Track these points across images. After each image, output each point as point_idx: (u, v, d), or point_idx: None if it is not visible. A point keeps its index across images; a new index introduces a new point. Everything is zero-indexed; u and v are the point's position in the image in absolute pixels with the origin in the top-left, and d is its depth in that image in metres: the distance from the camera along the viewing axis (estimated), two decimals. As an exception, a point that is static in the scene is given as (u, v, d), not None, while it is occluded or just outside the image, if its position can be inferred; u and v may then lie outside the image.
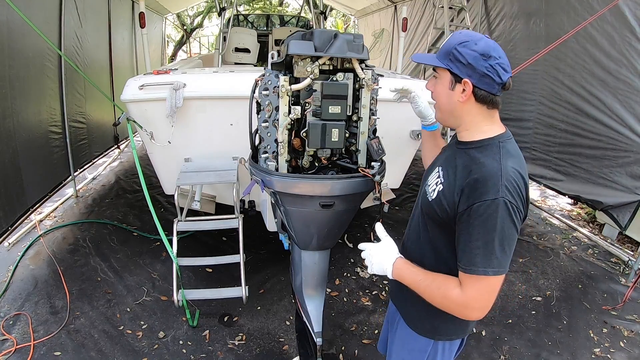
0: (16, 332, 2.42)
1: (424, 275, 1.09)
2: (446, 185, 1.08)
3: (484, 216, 0.96)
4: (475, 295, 1.00)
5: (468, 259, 0.99)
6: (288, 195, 1.41)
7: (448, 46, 1.07)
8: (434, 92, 1.15)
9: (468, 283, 1.00)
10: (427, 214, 1.15)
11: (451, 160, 1.13)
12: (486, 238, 0.97)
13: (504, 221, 0.96)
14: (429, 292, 1.07)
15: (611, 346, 2.52)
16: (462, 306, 1.02)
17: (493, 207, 0.96)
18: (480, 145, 1.07)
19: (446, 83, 1.09)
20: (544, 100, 3.98)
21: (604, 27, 3.26)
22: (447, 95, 1.09)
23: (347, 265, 3.29)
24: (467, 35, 1.06)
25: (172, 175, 2.58)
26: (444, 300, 1.04)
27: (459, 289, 1.01)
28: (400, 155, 2.91)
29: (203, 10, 13.07)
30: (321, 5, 6.40)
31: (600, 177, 3.47)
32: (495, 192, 0.96)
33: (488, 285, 0.99)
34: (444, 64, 1.07)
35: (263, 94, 1.43)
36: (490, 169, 1.00)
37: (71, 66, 3.70)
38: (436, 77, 1.13)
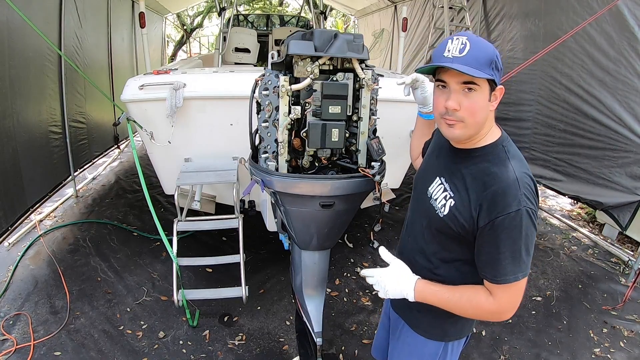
0: (16, 332, 2.42)
1: (449, 292, 1.07)
2: (458, 200, 1.05)
3: (509, 228, 0.97)
4: (509, 300, 1.03)
5: (497, 270, 1.00)
6: (288, 195, 1.41)
7: (488, 54, 0.97)
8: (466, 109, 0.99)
9: (500, 291, 1.02)
10: (439, 229, 1.12)
11: (454, 170, 1.09)
12: (513, 248, 0.98)
13: (527, 228, 0.97)
14: (460, 307, 1.07)
15: (611, 346, 2.52)
16: (497, 313, 1.04)
17: (517, 218, 0.96)
18: (485, 153, 1.04)
19: (486, 95, 1.00)
20: (542, 101, 3.98)
21: (603, 27, 3.27)
22: (485, 107, 1.01)
23: (347, 265, 3.29)
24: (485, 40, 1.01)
25: (172, 175, 2.58)
26: (477, 311, 1.06)
27: (491, 297, 1.03)
28: (400, 155, 2.90)
29: (203, 10, 13.08)
30: (321, 5, 6.40)
31: (599, 177, 3.47)
32: (517, 203, 0.96)
33: (518, 289, 1.02)
34: (489, 74, 0.97)
35: (263, 94, 1.43)
36: (506, 179, 0.98)
37: (71, 66, 3.70)
38: (473, 90, 0.98)
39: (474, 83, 0.97)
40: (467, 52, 0.96)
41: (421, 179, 1.23)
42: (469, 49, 0.96)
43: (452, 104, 1.00)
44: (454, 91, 1.00)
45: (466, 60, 0.95)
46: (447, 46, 0.99)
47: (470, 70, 0.95)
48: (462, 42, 0.97)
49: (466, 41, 0.97)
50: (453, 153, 1.11)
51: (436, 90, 1.06)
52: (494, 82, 0.99)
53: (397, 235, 3.79)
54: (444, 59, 0.99)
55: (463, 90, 0.99)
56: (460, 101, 0.99)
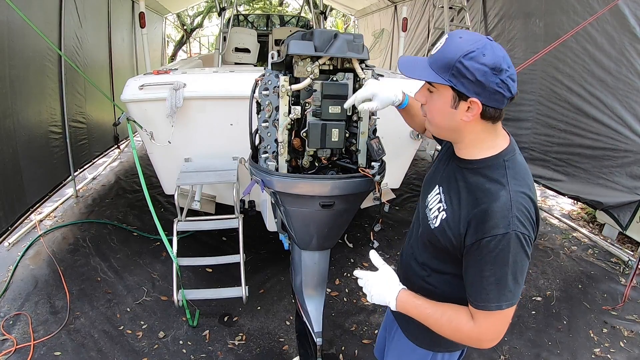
0: (16, 332, 2.42)
1: (431, 309, 1.02)
2: (450, 214, 1.00)
3: (495, 251, 0.90)
4: (489, 328, 0.96)
5: (479, 294, 0.94)
6: (288, 195, 1.41)
7: (448, 57, 0.89)
8: (427, 106, 0.99)
9: (481, 317, 0.95)
10: (428, 240, 1.09)
11: (452, 181, 1.04)
12: (499, 273, 0.91)
13: (516, 254, 0.90)
14: (439, 326, 1.01)
15: (611, 346, 2.52)
16: (476, 339, 0.98)
17: (504, 241, 0.89)
18: (483, 166, 0.97)
19: (447, 100, 0.93)
20: (542, 100, 3.98)
21: (604, 26, 3.26)
22: (447, 114, 0.95)
23: (347, 265, 3.29)
24: (470, 42, 0.88)
25: (172, 175, 2.58)
26: (455, 332, 1.00)
27: (472, 322, 0.96)
28: (400, 155, 2.92)
29: (203, 10, 13.08)
30: (321, 5, 6.39)
31: (600, 177, 3.47)
32: (506, 226, 0.89)
33: (501, 318, 0.95)
34: (445, 79, 0.90)
35: (263, 94, 1.43)
36: (499, 198, 0.91)
37: (71, 66, 3.70)
38: (431, 91, 0.97)
39: (432, 85, 0.96)
40: (436, 51, 0.94)
41: (426, 183, 1.18)
42: (440, 48, 0.93)
43: (417, 95, 1.02)
44: (422, 86, 1.00)
45: (431, 60, 0.94)
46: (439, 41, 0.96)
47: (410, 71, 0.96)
48: (441, 40, 0.94)
49: (444, 39, 0.93)
50: (456, 162, 1.06)
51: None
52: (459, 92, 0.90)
53: (397, 236, 3.81)
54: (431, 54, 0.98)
55: (427, 89, 0.99)
56: (426, 96, 1.00)
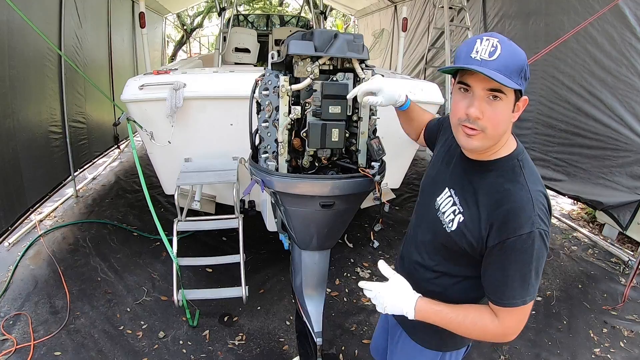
0: (16, 332, 2.42)
1: (453, 313, 1.02)
2: (468, 217, 1.00)
3: (520, 250, 0.92)
4: (515, 323, 0.99)
5: (504, 292, 0.96)
6: (288, 195, 1.41)
7: (519, 61, 0.88)
8: (489, 119, 0.91)
9: (506, 314, 0.98)
10: (444, 244, 1.08)
11: (466, 183, 1.03)
12: (524, 271, 0.93)
13: (539, 251, 0.92)
14: (464, 328, 1.03)
15: (611, 346, 2.52)
16: (502, 335, 1.00)
17: (529, 240, 0.91)
18: (499, 167, 0.98)
19: (511, 105, 0.92)
20: (543, 100, 3.98)
21: (604, 26, 3.27)
22: (509, 119, 0.93)
23: (347, 265, 3.29)
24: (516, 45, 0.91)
25: (172, 175, 2.58)
26: (481, 333, 1.02)
27: (496, 320, 0.99)
28: (400, 155, 2.91)
29: (203, 10, 13.08)
30: (321, 5, 6.39)
31: (600, 177, 3.47)
32: (530, 225, 0.90)
33: (525, 311, 0.98)
34: (518, 83, 0.88)
35: (263, 94, 1.43)
36: (520, 198, 0.92)
37: (71, 66, 3.70)
38: (499, 98, 0.90)
39: (500, 91, 0.89)
40: (498, 57, 0.87)
41: (429, 185, 1.17)
42: (500, 53, 0.87)
43: (475, 111, 0.91)
44: (478, 98, 0.91)
45: (496, 66, 0.86)
46: (476, 46, 0.89)
47: (500, 78, 0.85)
48: (492, 45, 0.87)
49: (497, 44, 0.87)
50: (465, 164, 1.05)
51: (457, 93, 0.96)
52: (519, 92, 0.91)
53: (397, 236, 3.81)
54: (472, 60, 0.88)
55: (487, 98, 0.90)
56: (484, 109, 0.91)
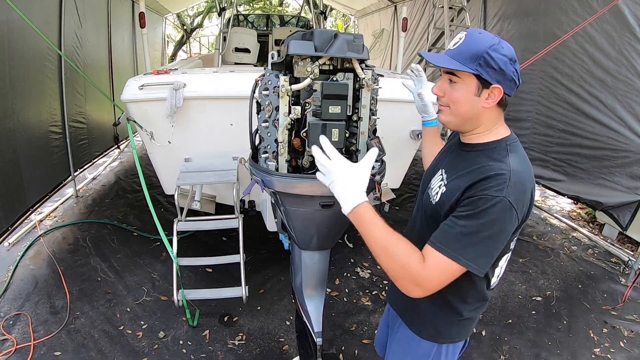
0: (16, 332, 2.42)
1: (387, 234, 0.99)
2: (450, 187, 1.05)
3: (480, 209, 0.93)
4: (436, 276, 0.96)
5: (446, 238, 0.96)
6: (288, 195, 1.41)
7: (474, 49, 0.99)
8: (448, 97, 1.06)
9: (433, 262, 0.95)
10: (431, 217, 1.12)
11: (455, 163, 1.11)
12: (473, 229, 0.93)
13: (499, 221, 0.93)
14: (387, 255, 0.98)
15: (611, 346, 2.52)
16: (415, 282, 0.96)
17: (492, 203, 0.93)
18: (486, 149, 1.05)
19: (471, 89, 1.01)
20: (542, 100, 3.98)
21: (603, 26, 3.27)
22: (470, 102, 1.02)
23: (347, 265, 3.29)
24: (490, 38, 1.00)
25: (172, 175, 2.58)
26: (400, 268, 0.97)
27: (422, 264, 0.96)
28: (400, 155, 2.91)
29: (203, 10, 13.08)
30: (321, 5, 6.39)
31: (599, 177, 3.47)
32: (499, 190, 0.93)
33: (450, 272, 0.96)
34: (472, 68, 0.98)
35: (263, 94, 1.43)
36: (499, 169, 0.97)
37: (71, 66, 3.70)
38: (453, 81, 1.04)
39: (454, 74, 1.02)
40: (457, 46, 1.02)
41: (428, 174, 1.24)
42: (461, 43, 1.01)
43: (435, 89, 1.09)
44: (441, 79, 1.08)
45: (452, 53, 1.02)
46: (454, 39, 1.05)
47: (441, 62, 1.02)
48: (460, 37, 1.02)
49: (464, 35, 1.02)
50: (460, 148, 1.13)
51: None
52: (483, 79, 0.99)
53: (397, 235, 3.80)
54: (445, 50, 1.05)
55: (447, 80, 1.05)
56: (445, 89, 1.06)
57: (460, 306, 1.17)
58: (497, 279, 1.17)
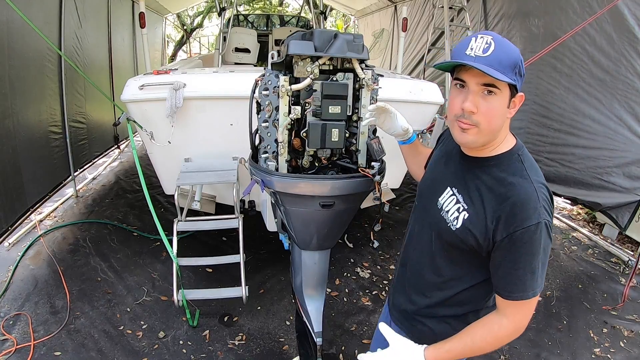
0: (16, 332, 2.42)
1: (461, 343, 1.01)
2: (473, 213, 0.99)
3: (529, 242, 0.92)
4: (525, 317, 1.00)
5: (515, 286, 0.96)
6: (288, 195, 1.41)
7: (513, 57, 0.91)
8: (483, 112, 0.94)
9: (515, 309, 0.98)
10: (450, 243, 1.06)
11: (468, 180, 1.03)
12: (532, 263, 0.94)
13: (546, 242, 0.94)
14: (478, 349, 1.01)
15: (611, 346, 2.52)
16: (514, 333, 1.00)
17: (537, 232, 0.92)
18: (500, 162, 0.99)
19: (506, 100, 0.94)
20: (539, 100, 3.98)
21: (603, 26, 3.27)
22: (503, 114, 0.95)
23: (347, 265, 3.29)
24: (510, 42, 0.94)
25: (172, 175, 2.58)
26: (495, 342, 1.01)
27: (504, 320, 0.99)
28: (400, 155, 2.89)
29: (203, 10, 13.07)
30: (321, 5, 6.40)
31: (596, 177, 3.46)
32: (537, 217, 0.91)
33: (534, 303, 0.99)
34: (512, 78, 0.91)
35: (263, 94, 1.43)
36: (525, 191, 0.93)
37: (71, 66, 3.70)
38: (493, 93, 0.93)
39: (494, 86, 0.91)
40: (492, 53, 0.90)
41: (428, 188, 1.16)
42: (494, 49, 0.90)
43: (469, 105, 0.93)
44: (473, 92, 0.93)
45: (489, 61, 0.89)
46: (470, 44, 0.92)
47: (493, 72, 0.88)
48: (486, 42, 0.91)
49: (491, 41, 0.91)
50: (465, 161, 1.05)
51: (453, 89, 0.99)
52: (515, 88, 0.94)
53: (397, 236, 3.81)
54: (466, 57, 0.91)
55: (482, 93, 0.93)
56: (478, 104, 0.93)
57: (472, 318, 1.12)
58: None
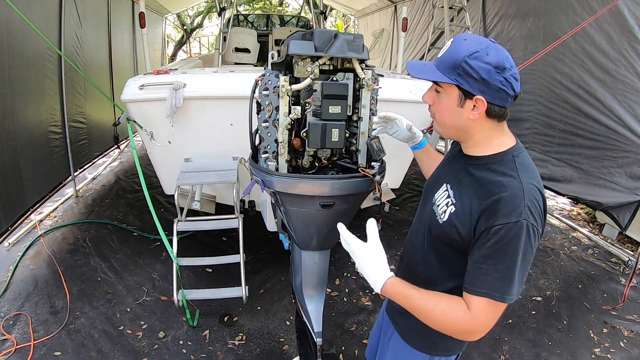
0: (16, 332, 2.42)
1: (423, 299, 0.99)
2: (459, 207, 1.00)
3: (505, 240, 0.90)
4: (486, 320, 0.95)
5: (484, 282, 0.93)
6: (288, 195, 1.41)
7: (454, 57, 0.94)
8: (435, 107, 1.03)
9: (480, 307, 0.94)
10: (437, 236, 1.08)
11: (461, 177, 1.05)
12: (508, 263, 0.91)
13: (525, 246, 0.91)
14: (431, 318, 0.98)
15: (611, 346, 2.52)
16: (470, 331, 0.97)
17: (515, 230, 0.89)
18: (492, 162, 1.00)
19: (453, 99, 0.97)
20: (542, 100, 3.98)
21: (603, 26, 3.27)
22: (454, 113, 0.98)
23: (347, 265, 3.29)
24: (475, 44, 0.94)
25: (172, 175, 2.58)
26: (449, 325, 0.98)
27: (469, 314, 0.95)
28: (400, 155, 2.90)
29: (203, 10, 13.08)
30: (321, 5, 6.40)
31: (599, 177, 3.47)
32: (517, 214, 0.89)
33: (499, 311, 0.95)
34: (452, 79, 0.94)
35: (263, 94, 1.43)
36: (511, 188, 0.92)
37: (71, 66, 3.70)
38: (438, 91, 1.00)
39: (437, 84, 1.00)
40: (442, 54, 0.98)
41: (430, 186, 1.19)
42: (445, 51, 0.98)
43: (425, 97, 1.06)
44: (430, 88, 1.04)
45: (438, 61, 0.99)
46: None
47: (419, 72, 1.00)
48: (448, 44, 0.98)
49: (449, 43, 0.98)
50: (462, 159, 1.08)
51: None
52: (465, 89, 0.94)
53: (397, 236, 3.81)
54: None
55: (435, 90, 1.02)
56: (434, 98, 1.03)
57: None
58: None
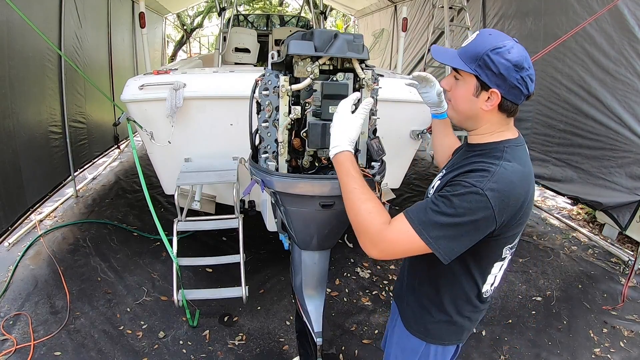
0: (16, 332, 2.42)
1: (361, 188, 1.03)
2: (442, 181, 1.08)
3: (455, 193, 0.93)
4: (394, 241, 0.96)
5: (417, 212, 0.96)
6: (288, 195, 1.41)
7: (477, 49, 0.98)
8: (452, 93, 1.08)
9: (398, 228, 0.96)
10: None
11: (457, 162, 1.12)
12: (444, 210, 0.92)
13: (469, 210, 0.91)
14: (356, 208, 1.01)
15: (611, 346, 2.52)
16: (374, 241, 0.98)
17: (468, 190, 0.92)
18: (485, 149, 1.05)
19: (470, 88, 1.01)
20: (542, 100, 3.98)
21: (603, 26, 3.27)
22: (469, 101, 1.03)
23: (347, 265, 3.29)
24: (498, 39, 0.98)
25: (172, 175, 2.58)
26: (364, 223, 0.99)
27: (385, 226, 0.97)
28: (400, 155, 2.92)
29: (203, 10, 13.08)
30: (321, 5, 6.40)
31: (599, 177, 3.47)
32: (478, 182, 0.92)
33: (410, 243, 0.95)
34: (472, 68, 0.98)
35: (263, 94, 1.43)
36: (485, 165, 0.97)
37: (71, 66, 3.70)
38: (457, 79, 1.05)
39: (457, 72, 1.04)
40: (466, 45, 1.02)
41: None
42: (470, 42, 1.02)
43: (443, 82, 1.10)
44: (449, 74, 1.09)
45: (460, 51, 1.03)
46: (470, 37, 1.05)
47: (443, 57, 1.05)
48: (473, 36, 1.03)
49: (475, 35, 1.03)
50: (465, 147, 1.15)
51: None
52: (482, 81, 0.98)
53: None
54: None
55: (454, 76, 1.07)
56: (452, 84, 1.07)
57: (449, 307, 1.16)
58: (490, 290, 1.17)
